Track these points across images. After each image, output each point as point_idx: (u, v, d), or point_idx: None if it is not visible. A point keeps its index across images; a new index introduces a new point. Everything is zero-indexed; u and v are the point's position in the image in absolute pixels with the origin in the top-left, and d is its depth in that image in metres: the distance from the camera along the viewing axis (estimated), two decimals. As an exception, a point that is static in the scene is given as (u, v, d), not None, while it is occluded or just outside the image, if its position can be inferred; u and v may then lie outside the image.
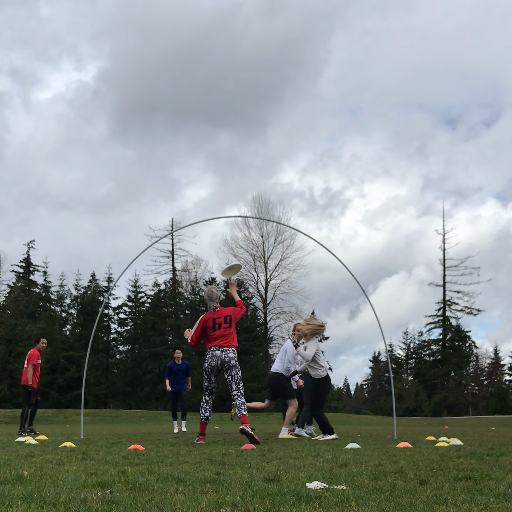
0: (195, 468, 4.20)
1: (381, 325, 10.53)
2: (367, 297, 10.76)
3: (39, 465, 4.51)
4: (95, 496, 2.80)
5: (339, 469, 4.09)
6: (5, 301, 48.55)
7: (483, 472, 3.73)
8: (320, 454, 5.60)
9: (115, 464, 4.53)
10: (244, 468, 4.21)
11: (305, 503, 2.61)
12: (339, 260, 10.75)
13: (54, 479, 3.50)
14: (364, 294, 10.81)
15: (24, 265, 51.19)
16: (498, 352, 62.54)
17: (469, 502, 2.61)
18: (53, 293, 53.21)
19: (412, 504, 2.57)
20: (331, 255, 10.89)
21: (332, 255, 10.85)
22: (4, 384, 41.26)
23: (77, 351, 45.61)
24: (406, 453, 5.54)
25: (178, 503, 2.61)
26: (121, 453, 5.79)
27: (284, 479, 3.47)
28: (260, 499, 2.71)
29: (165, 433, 12.73)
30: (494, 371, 61.55)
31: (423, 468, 4.13)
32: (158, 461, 4.82)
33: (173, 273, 53.15)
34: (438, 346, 55.58)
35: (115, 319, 52.64)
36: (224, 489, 3.02)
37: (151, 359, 48.63)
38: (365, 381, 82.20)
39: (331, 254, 10.87)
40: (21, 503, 2.62)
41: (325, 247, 11.02)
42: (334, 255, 10.84)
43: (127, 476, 3.65)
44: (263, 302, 50.78)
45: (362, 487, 3.13)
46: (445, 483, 3.25)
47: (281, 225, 49.65)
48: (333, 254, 10.84)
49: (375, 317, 10.50)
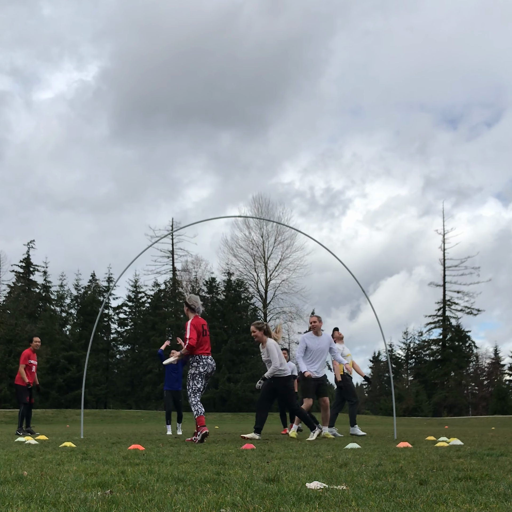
0: (195, 468, 4.20)
1: (381, 325, 10.53)
2: (367, 297, 10.76)
3: (39, 465, 4.51)
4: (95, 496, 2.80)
5: (339, 469, 4.09)
6: (5, 301, 48.54)
7: (483, 472, 3.73)
8: (320, 454, 5.60)
9: (115, 464, 4.53)
10: (244, 468, 4.21)
11: (305, 503, 2.61)
12: (339, 260, 10.76)
13: (54, 479, 3.50)
14: (364, 294, 10.81)
15: (24, 265, 51.17)
16: (498, 352, 62.62)
17: (469, 502, 2.61)
18: (53, 293, 53.21)
19: (412, 504, 2.57)
20: (332, 255, 10.89)
21: (333, 255, 10.85)
22: (4, 384, 41.25)
23: (77, 351, 45.61)
24: (406, 453, 5.54)
25: (178, 503, 2.61)
26: (121, 453, 5.79)
27: (284, 479, 3.47)
28: (260, 499, 2.71)
29: (165, 433, 12.73)
30: (494, 371, 61.56)
31: (423, 468, 4.13)
32: (158, 461, 4.82)
33: (173, 273, 53.16)
34: (438, 346, 55.57)
35: (115, 319, 52.67)
36: (224, 489, 3.02)
37: (151, 359, 48.61)
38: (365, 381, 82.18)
39: (331, 254, 10.87)
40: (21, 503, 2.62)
41: (325, 247, 11.02)
42: (334, 255, 10.84)
43: (127, 476, 3.65)
44: (263, 302, 50.79)
45: (362, 487, 3.13)
46: (445, 483, 3.25)
47: (281, 225, 49.69)
48: (333, 254, 10.84)
49: (375, 317, 10.50)
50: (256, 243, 50.79)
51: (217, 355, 47.11)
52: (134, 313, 52.92)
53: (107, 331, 51.99)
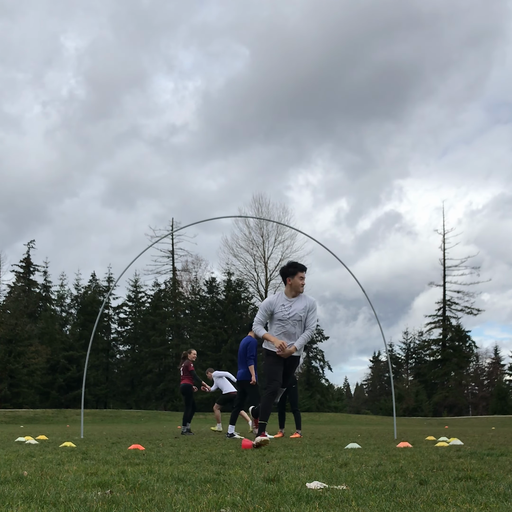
0: (195, 468, 4.20)
1: (382, 325, 10.53)
2: (367, 297, 10.76)
3: (39, 465, 4.51)
4: (95, 496, 2.80)
5: (339, 469, 4.09)
6: (5, 301, 48.54)
7: (483, 472, 3.73)
8: (320, 454, 5.60)
9: (115, 464, 4.53)
10: (244, 468, 4.21)
11: (305, 503, 2.61)
12: (340, 261, 10.76)
13: (54, 479, 3.50)
14: (365, 294, 10.81)
15: (24, 265, 51.18)
16: (498, 352, 62.62)
17: (469, 502, 2.61)
18: (53, 293, 53.25)
19: (412, 504, 2.57)
20: (332, 255, 10.89)
21: (333, 255, 10.85)
22: (4, 384, 41.24)
23: (77, 351, 45.61)
24: (406, 453, 5.54)
25: (178, 503, 2.61)
26: (121, 453, 5.79)
27: (284, 479, 3.47)
28: (260, 499, 2.71)
29: (165, 433, 12.73)
30: (494, 371, 61.55)
31: (423, 468, 4.13)
32: (158, 461, 4.82)
33: (173, 273, 53.16)
34: (438, 346, 55.57)
35: (115, 319, 52.66)
36: (224, 489, 3.02)
37: (151, 359, 48.64)
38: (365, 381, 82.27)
39: (331, 254, 10.87)
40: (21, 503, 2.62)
41: (326, 247, 11.02)
42: (335, 255, 10.84)
43: (127, 476, 3.65)
44: (263, 302, 50.76)
45: (362, 487, 3.13)
46: (445, 483, 3.25)
47: (281, 225, 49.70)
48: (333, 254, 10.84)
49: (375, 317, 10.51)
50: (256, 243, 50.85)
51: (217, 355, 47.14)
52: (134, 313, 52.92)
53: (107, 331, 52.00)
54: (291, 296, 6.86)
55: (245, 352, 10.01)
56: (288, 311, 6.77)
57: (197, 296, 53.58)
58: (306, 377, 53.78)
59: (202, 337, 49.86)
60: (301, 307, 6.81)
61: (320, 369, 55.23)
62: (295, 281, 6.83)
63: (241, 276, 50.73)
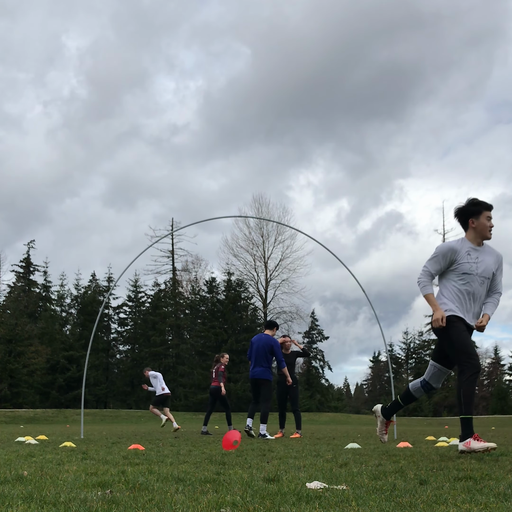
0: (195, 468, 4.20)
1: (382, 325, 10.53)
2: (367, 297, 10.76)
3: (39, 465, 4.51)
4: (95, 496, 2.80)
5: (339, 469, 4.08)
6: (5, 301, 48.55)
7: (483, 472, 3.72)
8: (320, 454, 5.60)
9: (115, 464, 4.53)
10: (244, 468, 4.21)
11: (305, 503, 2.61)
12: (340, 261, 10.76)
13: (54, 479, 3.50)
14: (365, 294, 10.81)
15: (24, 265, 51.18)
16: (498, 352, 62.61)
17: (469, 502, 2.60)
18: (53, 293, 53.24)
19: (412, 504, 2.57)
20: (332, 255, 10.89)
21: (333, 255, 10.85)
22: (4, 384, 41.24)
23: (77, 351, 45.60)
24: (406, 453, 5.54)
25: (178, 503, 2.60)
26: (121, 453, 5.79)
27: (284, 479, 3.47)
28: (260, 499, 2.71)
29: (165, 433, 12.73)
30: (494, 371, 61.55)
31: (423, 468, 4.13)
32: (158, 461, 4.82)
33: (173, 273, 53.17)
34: (438, 346, 55.54)
35: (115, 319, 52.67)
36: (224, 489, 3.02)
37: (151, 359, 48.62)
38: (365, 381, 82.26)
39: (332, 254, 10.87)
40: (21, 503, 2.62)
41: (326, 247, 11.02)
42: (335, 255, 10.84)
43: (127, 476, 3.65)
44: (263, 302, 50.80)
45: (362, 487, 3.13)
46: (445, 483, 3.25)
47: (281, 225, 49.70)
48: (333, 254, 10.84)
49: (376, 317, 10.51)
50: (256, 243, 50.86)
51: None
52: (134, 313, 52.92)
53: (107, 331, 52.00)
54: (476, 244, 5.11)
55: (266, 351, 9.91)
56: (477, 263, 5.00)
57: (197, 296, 53.57)
58: (306, 377, 53.81)
59: (202, 337, 49.87)
60: (492, 261, 5.08)
61: (320, 369, 55.29)
62: (481, 223, 5.09)
63: (241, 276, 50.78)
